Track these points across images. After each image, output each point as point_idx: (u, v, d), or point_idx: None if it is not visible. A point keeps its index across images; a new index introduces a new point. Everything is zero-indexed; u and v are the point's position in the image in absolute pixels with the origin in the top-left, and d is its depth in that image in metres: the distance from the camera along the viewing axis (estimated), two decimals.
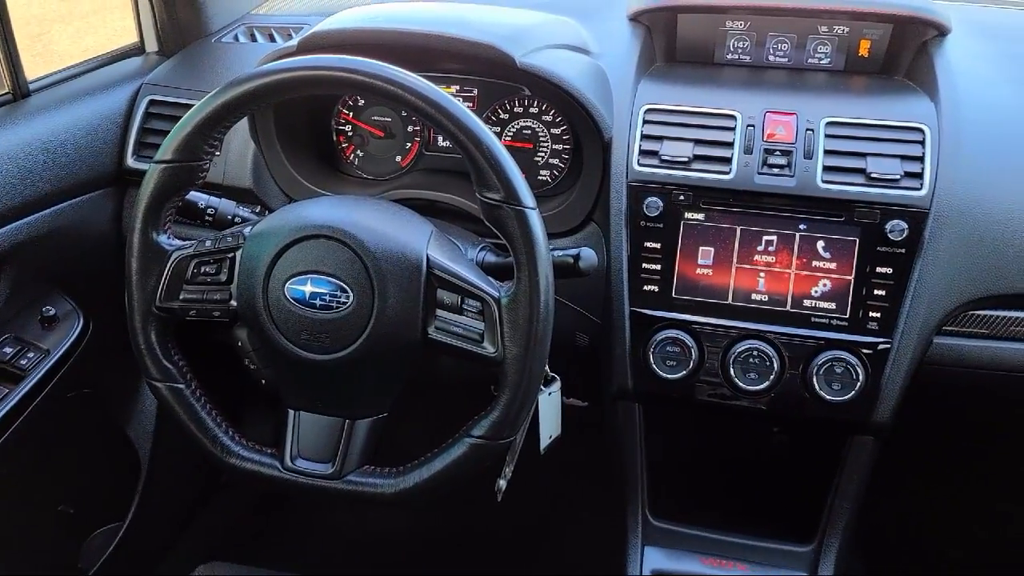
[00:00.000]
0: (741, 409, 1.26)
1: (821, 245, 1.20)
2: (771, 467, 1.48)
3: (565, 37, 1.37)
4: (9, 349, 1.36)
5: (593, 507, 1.88)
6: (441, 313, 1.02)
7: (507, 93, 1.38)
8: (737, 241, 1.22)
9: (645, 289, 1.25)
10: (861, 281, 1.19)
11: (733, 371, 1.23)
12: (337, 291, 1.00)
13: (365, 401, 1.08)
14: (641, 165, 1.24)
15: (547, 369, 1.21)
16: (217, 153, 1.07)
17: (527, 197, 0.98)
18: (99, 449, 1.69)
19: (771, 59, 1.42)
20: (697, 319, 1.24)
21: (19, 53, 1.36)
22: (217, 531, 1.99)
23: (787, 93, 1.32)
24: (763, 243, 1.21)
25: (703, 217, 1.22)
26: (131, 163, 1.47)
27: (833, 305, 1.20)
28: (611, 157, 1.25)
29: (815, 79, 1.38)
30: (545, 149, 1.39)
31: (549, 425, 1.27)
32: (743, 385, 1.22)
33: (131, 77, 1.54)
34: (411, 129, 1.44)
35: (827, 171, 1.19)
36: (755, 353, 1.22)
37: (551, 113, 1.37)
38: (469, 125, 0.96)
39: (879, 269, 1.18)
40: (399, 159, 1.45)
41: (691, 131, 1.25)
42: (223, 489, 2.00)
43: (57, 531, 1.63)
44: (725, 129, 1.24)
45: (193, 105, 1.02)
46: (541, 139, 1.38)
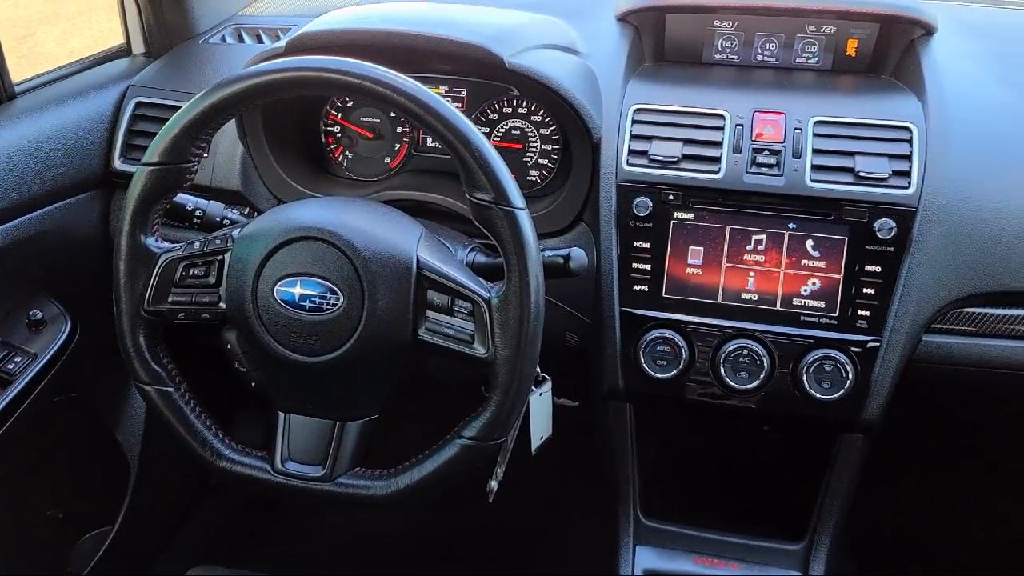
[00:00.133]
0: (732, 408, 1.26)
1: (810, 244, 1.20)
2: (762, 466, 1.48)
3: (554, 37, 1.37)
4: None
5: (585, 507, 1.88)
6: (431, 314, 1.02)
7: (496, 93, 1.38)
8: (726, 240, 1.22)
9: (635, 289, 1.25)
10: (850, 280, 1.19)
11: (723, 370, 1.23)
12: (327, 293, 1.00)
13: (355, 403, 1.07)
14: (630, 165, 1.24)
15: (538, 369, 1.21)
16: (205, 155, 1.07)
17: (517, 198, 0.97)
18: (88, 453, 1.69)
19: (759, 58, 1.43)
20: (687, 318, 1.24)
21: (4, 55, 1.35)
22: (208, 534, 1.98)
23: (775, 92, 1.32)
24: (752, 242, 1.22)
25: (692, 217, 1.23)
26: (118, 165, 1.47)
27: (822, 304, 1.21)
28: (600, 157, 1.25)
29: (803, 78, 1.39)
30: (534, 149, 1.39)
31: (540, 426, 1.27)
32: (733, 384, 1.23)
33: (118, 79, 1.53)
34: (400, 130, 1.43)
35: (816, 170, 1.20)
36: (745, 352, 1.22)
37: (540, 113, 1.37)
38: (458, 126, 0.96)
39: (868, 268, 1.19)
40: (388, 160, 1.44)
41: (680, 131, 1.25)
42: (213, 492, 1.99)
43: (47, 536, 1.62)
44: (714, 129, 1.24)
45: (180, 107, 1.02)
46: (530, 139, 1.38)
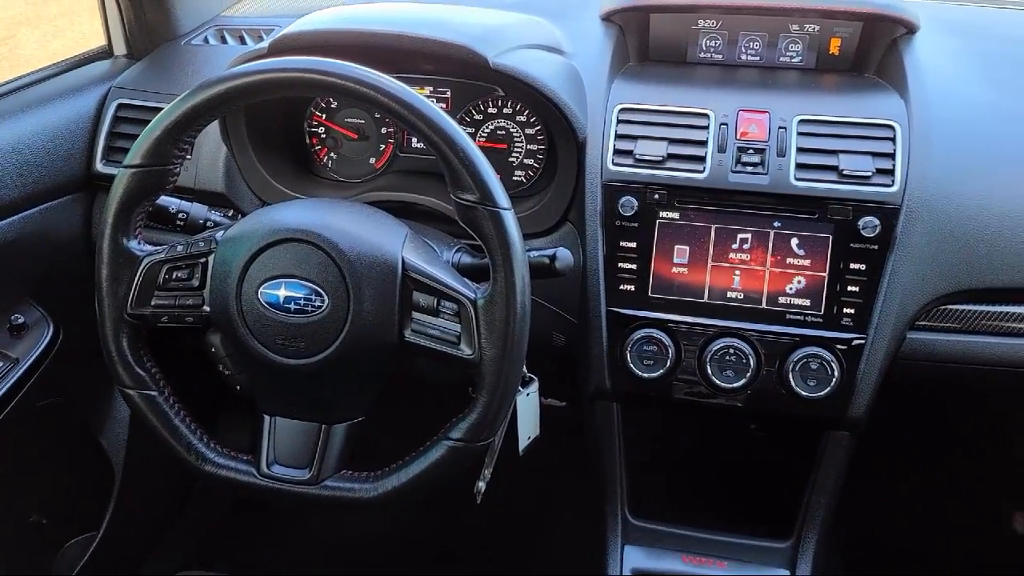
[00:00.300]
0: (719, 407, 1.27)
1: (795, 242, 1.21)
2: (749, 464, 1.48)
3: (538, 37, 1.37)
4: None
5: (573, 507, 1.88)
6: (417, 315, 1.01)
7: (481, 94, 1.37)
8: (712, 239, 1.22)
9: (621, 288, 1.25)
10: (835, 277, 1.20)
11: (710, 369, 1.23)
12: (312, 295, 0.99)
13: (341, 405, 1.07)
14: (615, 165, 1.24)
15: (525, 370, 1.20)
16: (188, 157, 1.06)
17: (502, 198, 0.97)
18: (72, 458, 1.67)
19: (743, 58, 1.43)
20: (673, 318, 1.24)
21: None
22: (194, 538, 1.96)
23: (759, 91, 1.33)
24: (738, 241, 1.22)
25: (678, 216, 1.23)
26: (100, 168, 1.45)
27: (808, 302, 1.21)
28: (585, 157, 1.25)
29: (787, 77, 1.39)
30: (520, 150, 1.38)
31: (528, 426, 1.27)
32: (720, 383, 1.23)
33: (99, 81, 1.52)
34: (385, 131, 1.43)
35: (800, 168, 1.20)
36: (731, 351, 1.22)
37: (525, 114, 1.37)
38: (442, 126, 0.96)
39: (852, 265, 1.19)
40: (373, 161, 1.44)
41: (665, 130, 1.25)
42: (199, 496, 1.98)
43: (31, 541, 1.60)
44: (698, 128, 1.25)
45: (163, 109, 1.01)
46: (515, 140, 1.38)
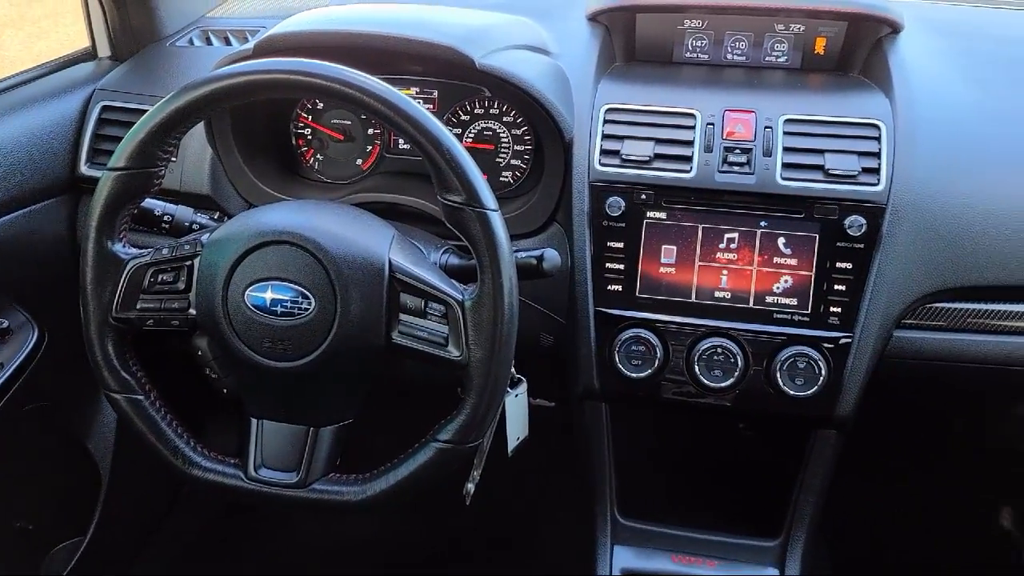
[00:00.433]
0: (707, 406, 1.27)
1: (782, 242, 1.21)
2: (738, 464, 1.49)
3: (524, 38, 1.36)
4: None
5: (563, 508, 1.88)
6: (404, 317, 1.01)
7: (467, 94, 1.37)
8: (699, 239, 1.22)
9: (609, 289, 1.25)
10: (822, 276, 1.20)
11: (698, 369, 1.23)
12: (298, 297, 0.99)
13: (329, 408, 1.06)
14: (602, 165, 1.24)
15: (513, 371, 1.20)
16: (173, 159, 1.05)
17: (488, 199, 0.97)
18: (58, 463, 1.66)
19: (729, 57, 1.43)
20: (661, 318, 1.24)
21: None
22: (182, 543, 1.95)
23: (745, 91, 1.33)
24: (725, 241, 1.22)
25: (665, 216, 1.23)
26: (85, 170, 1.44)
27: (795, 301, 1.21)
28: (572, 157, 1.25)
29: (773, 77, 1.39)
30: (506, 150, 1.38)
31: (516, 427, 1.27)
32: (708, 382, 1.23)
33: (83, 83, 1.51)
34: (371, 132, 1.42)
35: (786, 168, 1.20)
36: (719, 350, 1.22)
37: (512, 114, 1.37)
38: (428, 127, 0.96)
39: (839, 264, 1.20)
40: (360, 162, 1.43)
41: (651, 130, 1.25)
42: (187, 500, 1.97)
43: (16, 548, 1.59)
44: (685, 128, 1.25)
45: (147, 111, 1.00)
46: (502, 140, 1.38)
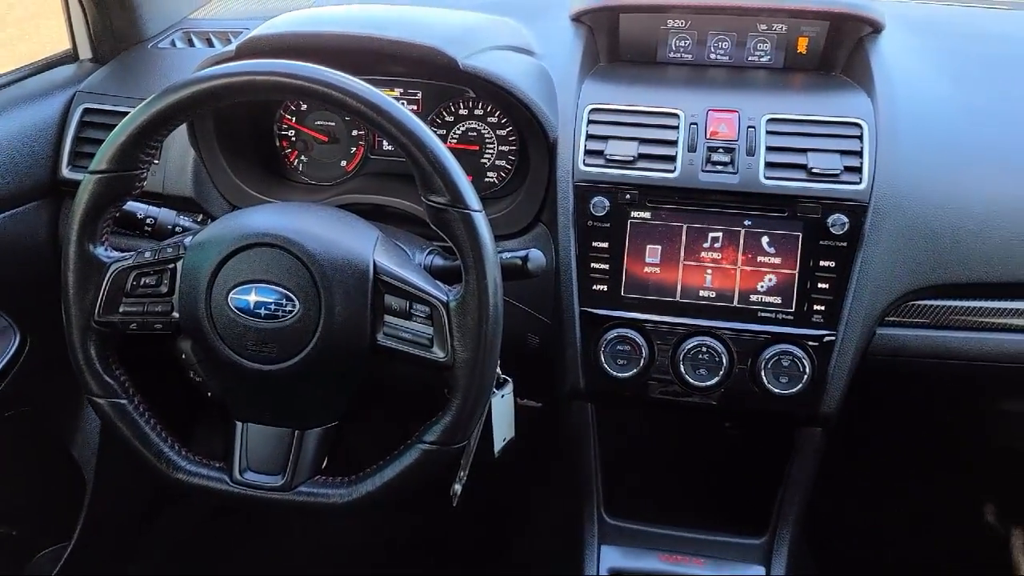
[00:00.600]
0: (693, 405, 1.27)
1: (766, 240, 1.21)
2: (724, 462, 1.49)
3: (508, 38, 1.36)
4: None
5: (550, 508, 1.88)
6: (389, 319, 1.01)
7: (452, 95, 1.37)
8: (683, 239, 1.23)
9: (594, 289, 1.25)
10: (805, 275, 1.21)
11: (683, 368, 1.23)
12: (282, 300, 0.98)
13: (314, 410, 1.06)
14: (587, 165, 1.24)
15: (499, 371, 1.20)
16: (155, 161, 1.05)
17: (472, 200, 0.97)
18: (42, 468, 1.65)
19: (712, 57, 1.44)
20: (646, 317, 1.24)
21: None
22: (168, 547, 1.94)
23: (728, 91, 1.34)
24: (709, 240, 1.22)
25: (649, 216, 1.23)
26: (66, 173, 1.43)
27: (779, 299, 1.22)
28: (557, 158, 1.25)
29: (756, 77, 1.40)
30: (491, 151, 1.38)
31: (502, 428, 1.27)
32: (693, 381, 1.23)
33: (64, 85, 1.50)
34: (356, 133, 1.42)
35: (769, 167, 1.21)
36: (704, 349, 1.23)
37: (496, 115, 1.37)
38: (411, 128, 0.96)
39: (822, 263, 1.20)
40: (344, 164, 1.43)
41: (635, 130, 1.25)
42: (173, 505, 1.96)
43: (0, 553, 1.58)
44: (668, 128, 1.25)
45: (129, 113, 1.00)
46: (487, 141, 1.38)
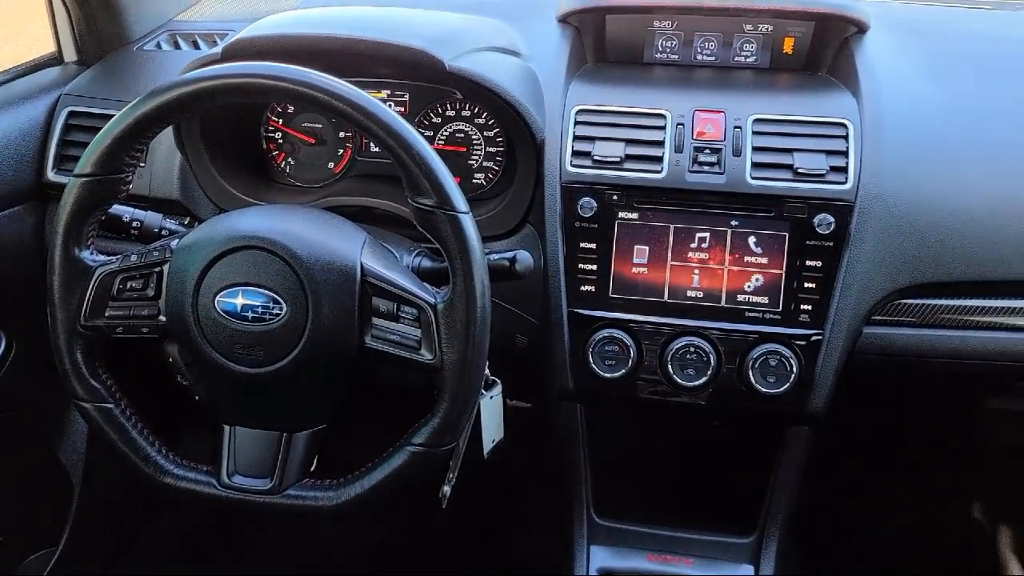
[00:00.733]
0: (681, 405, 1.27)
1: (752, 240, 1.22)
2: (713, 461, 1.49)
3: (495, 40, 1.36)
4: None
5: (539, 509, 1.88)
6: (377, 321, 1.01)
7: (439, 97, 1.37)
8: (671, 239, 1.23)
9: (582, 289, 1.25)
10: (792, 275, 1.21)
11: (671, 368, 1.24)
12: (270, 303, 0.98)
13: (302, 413, 1.06)
14: (574, 166, 1.24)
15: (488, 372, 1.20)
16: (141, 164, 1.05)
17: (459, 202, 0.97)
18: (28, 473, 1.64)
19: (699, 58, 1.44)
20: (634, 317, 1.24)
21: None
22: (157, 552, 1.93)
23: (715, 91, 1.34)
24: (696, 240, 1.23)
25: (637, 216, 1.23)
26: (51, 177, 1.43)
27: (766, 299, 1.22)
28: (544, 159, 1.26)
29: (742, 77, 1.40)
30: (479, 152, 1.38)
31: (491, 429, 1.27)
32: (681, 381, 1.24)
33: (49, 88, 1.49)
34: (343, 135, 1.42)
35: (756, 167, 1.21)
36: (692, 349, 1.23)
37: (484, 116, 1.37)
38: (398, 130, 0.96)
39: (808, 262, 1.21)
40: (332, 166, 1.43)
41: (622, 131, 1.26)
42: (162, 507, 1.95)
43: None
44: (655, 128, 1.25)
45: (114, 116, 0.99)
46: (474, 142, 1.38)
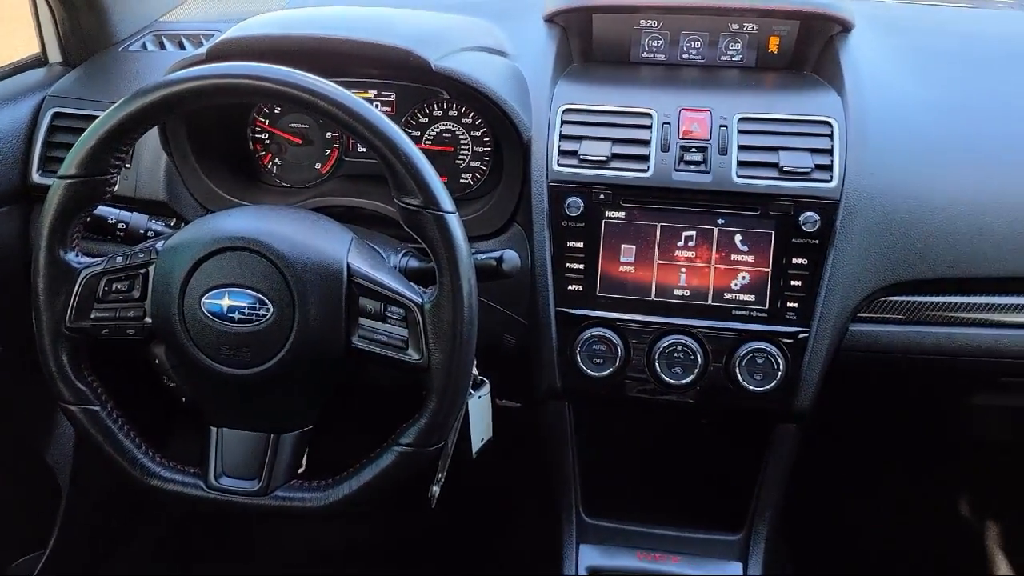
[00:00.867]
0: (669, 404, 1.28)
1: (739, 239, 1.22)
2: (701, 459, 1.50)
3: (481, 39, 1.36)
4: None
5: (528, 508, 1.88)
6: (364, 321, 1.01)
7: (425, 97, 1.37)
8: (657, 238, 1.23)
9: (570, 288, 1.26)
10: (778, 273, 1.22)
11: (659, 366, 1.24)
12: (256, 304, 0.98)
13: (290, 414, 1.06)
14: (561, 165, 1.25)
15: (476, 372, 1.20)
16: (126, 166, 1.04)
17: (446, 201, 0.97)
18: (15, 476, 1.63)
19: (685, 57, 1.45)
20: (621, 316, 1.25)
21: None
22: (145, 555, 1.93)
23: (701, 90, 1.34)
24: (683, 239, 1.23)
25: (623, 215, 1.24)
26: (36, 178, 1.42)
27: (752, 297, 1.23)
28: (531, 158, 1.26)
29: (728, 76, 1.41)
30: (466, 152, 1.38)
31: (480, 428, 1.27)
32: (669, 380, 1.24)
33: (33, 89, 1.48)
34: (330, 135, 1.41)
35: (741, 166, 1.22)
36: (679, 348, 1.23)
37: (470, 116, 1.37)
38: (384, 130, 0.96)
39: (794, 260, 1.21)
40: (319, 166, 1.42)
41: (609, 130, 1.26)
42: (149, 509, 1.94)
43: None
44: (642, 127, 1.26)
45: (99, 117, 0.99)
46: (461, 142, 1.38)
